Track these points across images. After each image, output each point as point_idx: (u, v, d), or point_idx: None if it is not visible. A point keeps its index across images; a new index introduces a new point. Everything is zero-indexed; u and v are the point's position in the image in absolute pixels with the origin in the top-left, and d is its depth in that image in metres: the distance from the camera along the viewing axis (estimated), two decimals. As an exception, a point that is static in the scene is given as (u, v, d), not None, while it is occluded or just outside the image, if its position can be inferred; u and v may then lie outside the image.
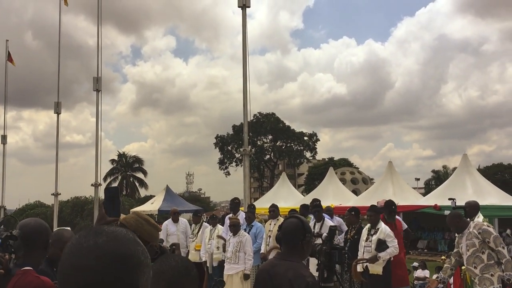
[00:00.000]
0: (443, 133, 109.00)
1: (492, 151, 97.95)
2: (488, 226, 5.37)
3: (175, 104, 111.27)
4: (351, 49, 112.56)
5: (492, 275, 5.03)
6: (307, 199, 19.46)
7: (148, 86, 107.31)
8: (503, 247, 5.10)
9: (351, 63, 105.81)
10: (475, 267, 5.16)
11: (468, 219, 6.48)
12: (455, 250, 5.60)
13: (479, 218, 6.32)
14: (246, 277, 7.18)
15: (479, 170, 48.59)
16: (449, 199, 6.94)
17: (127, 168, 56.81)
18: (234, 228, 7.36)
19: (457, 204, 6.84)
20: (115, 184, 55.37)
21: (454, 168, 26.03)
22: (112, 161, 55.99)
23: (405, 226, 7.62)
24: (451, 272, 5.64)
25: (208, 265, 8.51)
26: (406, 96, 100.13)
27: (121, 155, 57.07)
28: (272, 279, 2.69)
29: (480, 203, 17.09)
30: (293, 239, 2.74)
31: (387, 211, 6.45)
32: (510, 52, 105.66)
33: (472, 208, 6.49)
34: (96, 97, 15.30)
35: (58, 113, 17.38)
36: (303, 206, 7.57)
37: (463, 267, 5.94)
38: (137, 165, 57.36)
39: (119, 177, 56.28)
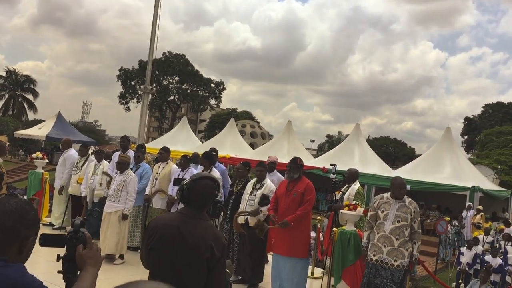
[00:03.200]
0: (343, 101, 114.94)
1: (383, 124, 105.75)
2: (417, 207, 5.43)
3: (81, 27, 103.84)
4: (272, 3, 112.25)
5: (406, 249, 5.25)
6: (205, 146, 19.46)
7: (52, 2, 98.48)
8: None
9: (269, 18, 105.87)
10: (397, 239, 5.23)
11: (347, 185, 6.90)
12: (372, 213, 5.47)
13: (356, 185, 6.73)
14: (124, 217, 7.00)
15: (368, 140, 52.23)
16: (331, 164, 7.25)
17: (16, 87, 52.26)
18: (121, 166, 7.09)
19: (337, 169, 7.16)
20: (0, 103, 50.97)
21: (347, 135, 27.56)
22: (-1, 77, 51.08)
23: None
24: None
25: (88, 200, 8.21)
26: (316, 60, 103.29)
27: (11, 73, 52.16)
28: (186, 237, 2.61)
29: (363, 171, 18.34)
30: (208, 201, 2.76)
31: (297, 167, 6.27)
32: (415, 34, 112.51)
33: (351, 175, 6.88)
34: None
35: None
36: (206, 156, 7.40)
37: (334, 229, 6.32)
38: (28, 85, 52.98)
39: (6, 95, 51.72)
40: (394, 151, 58.82)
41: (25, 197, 8.85)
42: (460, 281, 11.57)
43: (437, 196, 19.11)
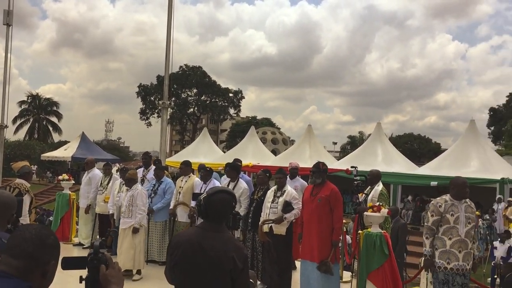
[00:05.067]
0: (363, 100, 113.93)
1: (406, 121, 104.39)
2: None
3: (99, 47, 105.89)
4: (285, 9, 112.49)
5: (471, 249, 5.08)
6: (227, 156, 19.59)
7: (70, 25, 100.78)
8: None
9: (283, 23, 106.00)
10: (471, 242, 5.01)
11: (370, 187, 6.84)
12: (435, 218, 5.09)
13: (379, 186, 6.67)
14: (135, 230, 7.00)
15: (392, 138, 51.60)
16: (352, 167, 7.20)
17: (40, 110, 53.50)
18: (130, 182, 7.17)
19: (360, 170, 7.11)
20: (26, 127, 52.24)
21: (369, 135, 27.32)
22: (21, 102, 52.39)
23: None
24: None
25: (115, 217, 8.32)
26: (333, 61, 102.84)
27: (34, 97, 53.45)
28: (207, 251, 2.65)
29: (388, 170, 18.10)
30: (225, 213, 2.80)
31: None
32: (432, 29, 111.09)
33: (374, 176, 6.81)
34: (6, 32, 14.15)
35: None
36: (233, 167, 7.49)
37: (359, 231, 6.26)
38: (52, 108, 54.18)
39: (31, 120, 52.98)
40: (419, 147, 57.94)
41: (51, 218, 9.06)
42: (495, 276, 11.29)
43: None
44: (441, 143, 62.42)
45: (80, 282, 1.90)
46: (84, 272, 1.91)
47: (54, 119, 54.24)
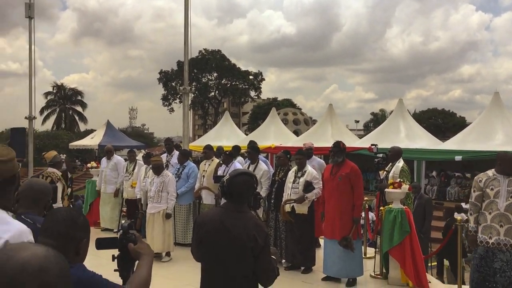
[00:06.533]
0: (385, 76, 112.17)
1: (429, 96, 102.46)
2: None
3: (119, 35, 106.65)
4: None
5: None
6: (250, 138, 19.69)
7: (89, 14, 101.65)
8: None
9: (301, 2, 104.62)
10: None
11: (391, 164, 6.89)
12: (477, 193, 5.02)
13: (400, 163, 6.71)
14: (167, 216, 7.26)
15: (415, 114, 50.80)
16: (372, 144, 7.24)
17: (66, 100, 54.54)
18: (157, 169, 7.37)
19: (383, 147, 7.15)
20: (53, 117, 53.40)
21: (392, 112, 27.04)
22: (47, 93, 53.45)
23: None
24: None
25: (142, 202, 8.59)
26: (353, 38, 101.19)
27: (59, 87, 54.46)
28: (230, 230, 2.79)
29: (411, 147, 17.94)
30: (246, 194, 2.92)
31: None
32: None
33: (395, 153, 6.86)
34: (28, 25, 14.46)
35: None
36: (254, 148, 7.69)
37: (381, 208, 6.35)
38: (76, 98, 55.16)
39: (57, 110, 54.10)
40: (443, 122, 56.97)
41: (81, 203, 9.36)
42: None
43: (492, 164, 18.43)
44: (466, 117, 61.23)
45: (113, 260, 2.09)
46: (116, 252, 2.10)
47: (79, 108, 55.28)
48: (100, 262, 2.24)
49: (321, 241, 7.45)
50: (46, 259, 0.93)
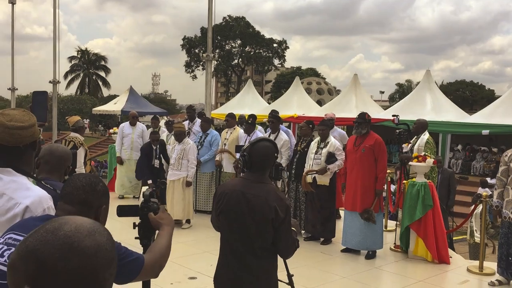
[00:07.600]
0: (413, 47, 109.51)
1: (458, 67, 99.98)
2: None
3: (143, 0, 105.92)
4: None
5: None
6: (272, 107, 19.57)
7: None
8: None
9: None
10: None
11: (416, 136, 6.75)
12: (503, 168, 4.97)
13: (425, 136, 6.57)
14: (188, 184, 7.29)
15: (442, 86, 49.66)
16: (393, 115, 7.10)
17: (90, 65, 54.97)
18: (179, 136, 7.36)
19: (408, 119, 7.01)
20: (77, 82, 54.02)
21: (418, 83, 26.45)
22: (72, 58, 53.89)
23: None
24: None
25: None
26: (381, 7, 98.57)
27: (83, 52, 54.83)
28: (250, 200, 2.76)
29: (437, 119, 17.58)
30: (268, 163, 2.83)
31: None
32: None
33: (420, 126, 6.72)
34: (52, -12, 14.44)
35: (12, 3, 16.25)
36: (276, 117, 7.60)
37: (404, 181, 6.26)
38: (100, 63, 55.53)
39: (81, 75, 54.65)
40: (471, 95, 55.59)
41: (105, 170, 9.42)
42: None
43: (520, 139, 18.00)
44: (495, 90, 59.67)
45: (134, 228, 2.08)
46: (137, 220, 2.09)
47: (102, 73, 55.72)
48: (123, 227, 2.23)
49: (341, 213, 7.43)
50: (95, 224, 1.00)
